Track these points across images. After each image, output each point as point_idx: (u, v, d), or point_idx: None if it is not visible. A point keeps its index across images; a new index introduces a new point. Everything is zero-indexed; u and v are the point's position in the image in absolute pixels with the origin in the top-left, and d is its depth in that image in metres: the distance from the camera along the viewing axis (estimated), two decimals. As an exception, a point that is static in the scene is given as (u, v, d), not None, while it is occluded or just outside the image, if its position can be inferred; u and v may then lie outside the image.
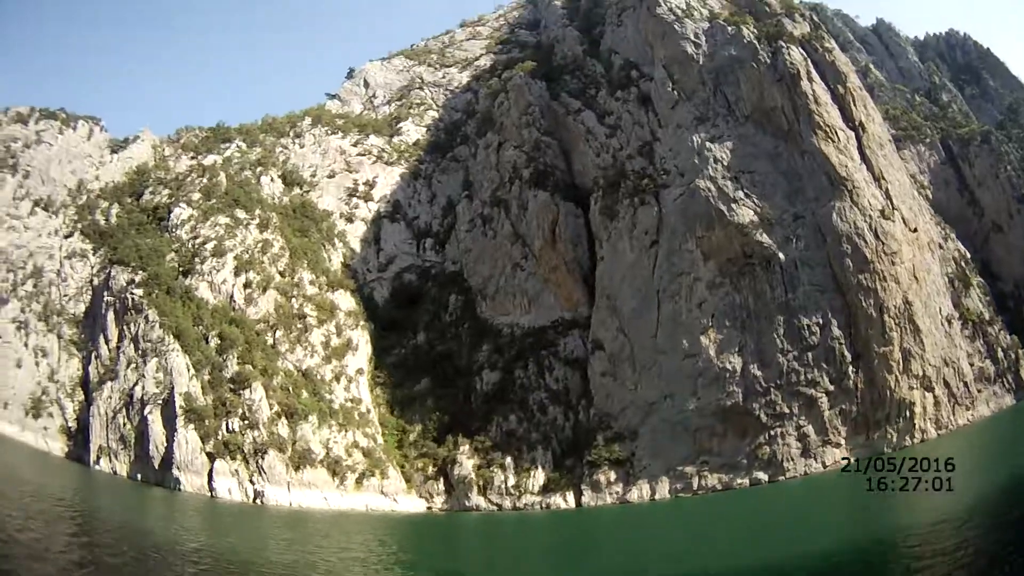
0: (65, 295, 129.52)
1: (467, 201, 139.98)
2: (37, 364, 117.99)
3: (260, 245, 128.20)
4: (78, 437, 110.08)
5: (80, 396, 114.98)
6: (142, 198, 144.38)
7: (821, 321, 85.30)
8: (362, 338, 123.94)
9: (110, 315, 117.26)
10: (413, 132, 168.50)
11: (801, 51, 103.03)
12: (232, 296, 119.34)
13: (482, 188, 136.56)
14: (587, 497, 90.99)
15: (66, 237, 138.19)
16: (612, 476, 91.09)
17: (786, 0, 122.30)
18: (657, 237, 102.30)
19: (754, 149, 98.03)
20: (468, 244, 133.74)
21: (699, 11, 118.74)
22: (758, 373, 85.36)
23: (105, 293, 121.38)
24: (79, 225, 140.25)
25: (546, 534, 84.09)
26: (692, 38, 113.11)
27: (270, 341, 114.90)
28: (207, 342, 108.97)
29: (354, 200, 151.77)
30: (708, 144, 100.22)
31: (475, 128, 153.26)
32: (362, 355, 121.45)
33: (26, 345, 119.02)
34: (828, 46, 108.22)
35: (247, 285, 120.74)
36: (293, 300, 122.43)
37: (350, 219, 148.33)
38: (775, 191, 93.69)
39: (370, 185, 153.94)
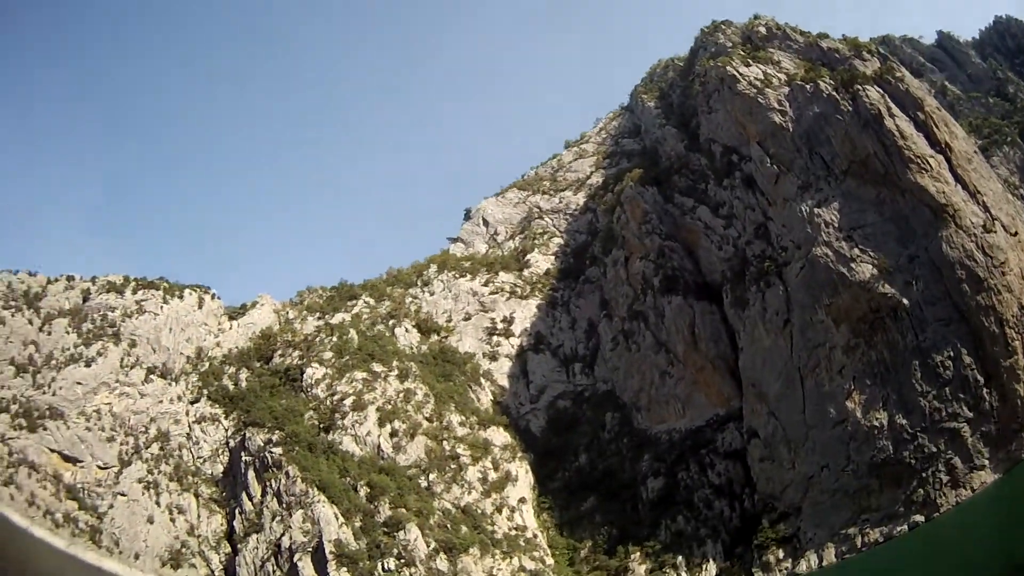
0: (199, 457, 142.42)
1: (607, 320, 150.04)
2: (173, 520, 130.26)
3: (402, 395, 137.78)
4: None
5: (226, 548, 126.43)
6: (271, 361, 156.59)
7: (952, 353, 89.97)
8: (521, 469, 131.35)
9: (250, 473, 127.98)
10: (542, 262, 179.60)
11: (877, 89, 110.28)
12: (379, 446, 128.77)
13: (618, 305, 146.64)
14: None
15: (192, 403, 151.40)
16: (780, 554, 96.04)
17: (852, 41, 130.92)
18: (788, 315, 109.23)
19: (859, 203, 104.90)
20: (615, 362, 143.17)
21: (776, 77, 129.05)
22: (903, 422, 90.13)
23: (242, 453, 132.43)
24: (205, 391, 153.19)
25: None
26: (776, 106, 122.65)
27: (424, 484, 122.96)
28: (356, 491, 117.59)
29: (495, 338, 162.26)
30: (816, 210, 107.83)
31: (600, 247, 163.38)
32: (523, 485, 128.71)
33: (157, 503, 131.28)
34: (899, 75, 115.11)
35: (393, 434, 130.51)
36: (444, 443, 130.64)
37: (493, 357, 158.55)
38: (887, 238, 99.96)
39: (508, 321, 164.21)
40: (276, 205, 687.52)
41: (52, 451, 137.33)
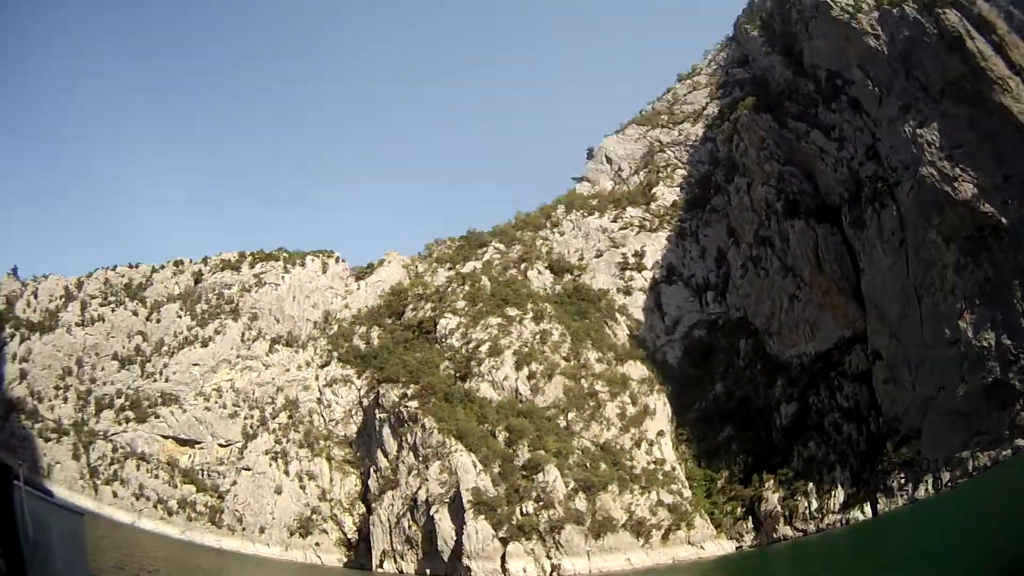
0: (331, 420, 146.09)
1: (735, 247, 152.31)
2: (303, 488, 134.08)
3: (538, 336, 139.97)
4: (360, 546, 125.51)
5: (360, 509, 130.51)
6: (403, 316, 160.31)
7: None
8: (659, 402, 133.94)
9: (385, 430, 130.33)
10: (667, 194, 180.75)
11: (955, 12, 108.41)
12: (517, 390, 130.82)
13: (745, 231, 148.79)
14: (882, 504, 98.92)
15: (322, 367, 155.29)
16: (902, 479, 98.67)
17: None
18: (903, 235, 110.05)
19: (956, 122, 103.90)
20: (745, 288, 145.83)
21: (865, 2, 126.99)
22: (1008, 343, 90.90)
23: (377, 411, 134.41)
24: (335, 353, 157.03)
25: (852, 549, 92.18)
26: (870, 31, 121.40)
27: (563, 424, 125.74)
28: (494, 437, 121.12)
29: (627, 273, 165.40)
30: (919, 131, 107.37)
31: (723, 175, 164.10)
32: (661, 418, 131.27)
33: (286, 472, 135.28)
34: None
35: (531, 376, 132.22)
36: (582, 381, 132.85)
37: (627, 292, 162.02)
38: (983, 158, 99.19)
39: (639, 255, 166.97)
40: (396, 162, 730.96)
41: (166, 437, 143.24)
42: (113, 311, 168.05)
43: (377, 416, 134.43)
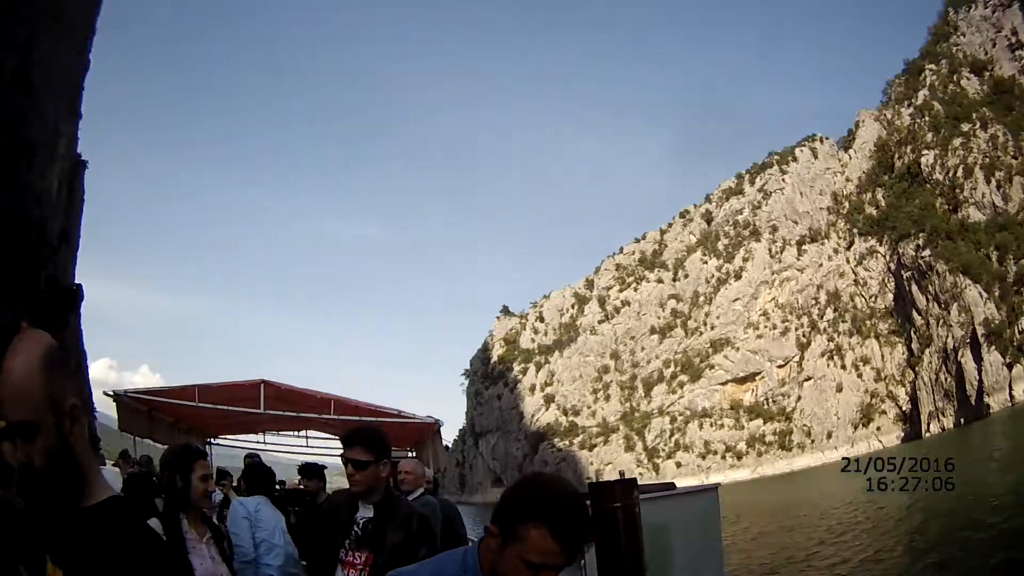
0: (871, 296, 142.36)
1: None
2: (860, 375, 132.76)
3: (990, 143, 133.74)
4: (913, 416, 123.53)
5: (909, 376, 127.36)
6: (894, 168, 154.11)
7: None
8: None
9: (913, 287, 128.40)
10: None
11: None
12: (993, 204, 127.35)
13: None
14: None
15: (848, 248, 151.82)
16: None
17: None
18: None
19: None
20: None
21: None
22: None
23: (902, 271, 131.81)
24: (855, 230, 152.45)
25: None
26: None
27: None
28: (989, 260, 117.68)
29: (1017, 52, 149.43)
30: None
31: None
32: None
33: (843, 367, 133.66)
34: None
35: (999, 185, 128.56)
36: None
37: None
38: None
39: None
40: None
41: (724, 384, 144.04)
42: (635, 290, 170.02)
43: (903, 276, 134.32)
